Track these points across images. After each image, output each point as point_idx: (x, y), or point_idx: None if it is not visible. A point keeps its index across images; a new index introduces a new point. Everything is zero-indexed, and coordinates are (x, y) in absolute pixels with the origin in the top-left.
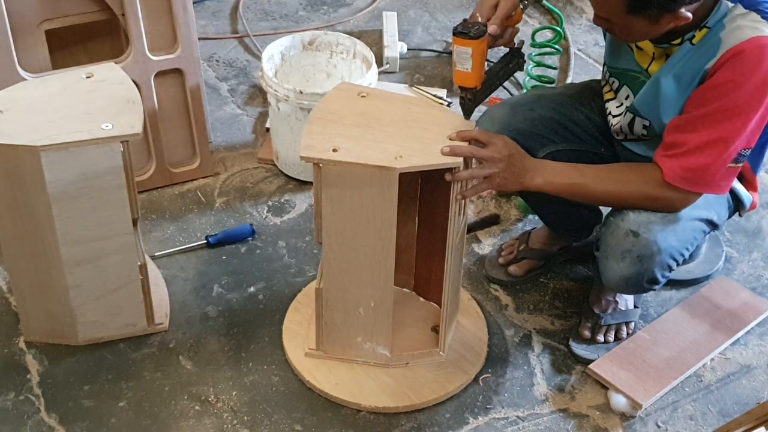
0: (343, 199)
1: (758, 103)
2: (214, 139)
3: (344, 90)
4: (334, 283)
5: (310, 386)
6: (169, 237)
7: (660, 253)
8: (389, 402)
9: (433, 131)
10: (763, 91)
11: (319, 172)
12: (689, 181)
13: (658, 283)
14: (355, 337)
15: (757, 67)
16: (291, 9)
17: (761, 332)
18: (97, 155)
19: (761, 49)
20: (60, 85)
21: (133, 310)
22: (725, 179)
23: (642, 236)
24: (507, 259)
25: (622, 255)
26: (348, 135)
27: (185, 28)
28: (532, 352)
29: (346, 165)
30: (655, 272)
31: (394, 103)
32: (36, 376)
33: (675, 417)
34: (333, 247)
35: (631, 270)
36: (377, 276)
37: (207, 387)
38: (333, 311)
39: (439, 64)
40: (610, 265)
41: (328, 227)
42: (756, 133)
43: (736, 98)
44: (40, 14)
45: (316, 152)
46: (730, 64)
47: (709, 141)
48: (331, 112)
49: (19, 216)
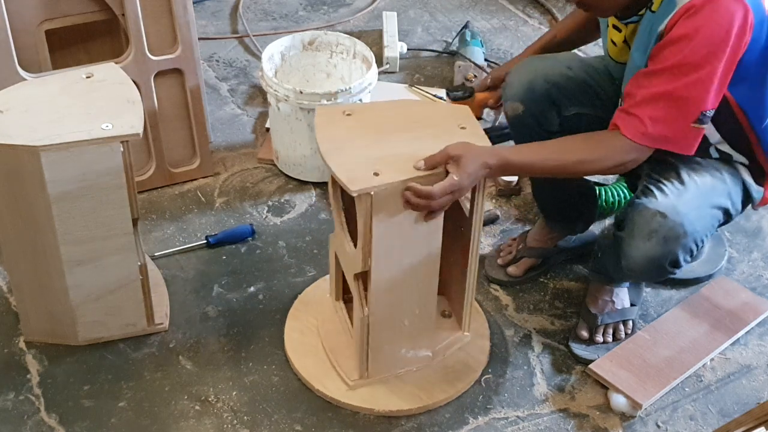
0: (393, 219)
1: (714, 58)
2: (214, 139)
3: (327, 114)
4: (381, 305)
5: (320, 394)
6: (169, 237)
7: (686, 237)
8: (402, 405)
9: (437, 125)
10: (718, 46)
11: (369, 200)
12: (650, 138)
13: (679, 267)
14: (399, 350)
15: (709, 20)
16: (291, 9)
17: (761, 332)
18: (97, 155)
19: (711, 3)
20: (60, 85)
21: (133, 310)
22: (688, 139)
23: (670, 218)
24: (506, 259)
25: (649, 235)
26: (372, 155)
27: (185, 28)
28: (532, 352)
29: (397, 184)
30: (678, 255)
31: (381, 109)
32: (36, 376)
33: (675, 417)
34: (382, 270)
35: (657, 250)
36: (424, 283)
37: (207, 387)
38: (379, 332)
39: (439, 64)
40: (635, 244)
41: (378, 251)
42: (720, 93)
43: (690, 53)
44: (40, 14)
45: (364, 182)
46: (683, 20)
47: (664, 92)
48: (336, 139)
49: (19, 216)
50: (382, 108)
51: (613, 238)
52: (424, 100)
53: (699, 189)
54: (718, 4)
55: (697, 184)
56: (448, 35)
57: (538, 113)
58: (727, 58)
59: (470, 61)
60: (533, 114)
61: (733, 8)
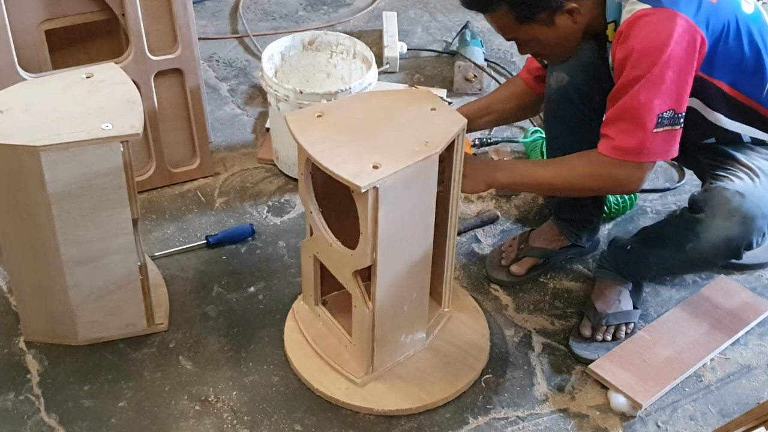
0: (396, 208)
1: (651, 65)
2: (214, 139)
3: (299, 119)
4: (386, 297)
5: (320, 394)
6: (169, 237)
7: (763, 218)
8: (402, 404)
9: (409, 111)
10: (656, 55)
11: (376, 194)
12: (620, 151)
13: (751, 249)
14: (400, 337)
15: (638, 36)
16: (291, 9)
17: (761, 332)
18: (97, 155)
19: (635, 22)
20: (60, 85)
21: (133, 310)
22: (656, 145)
23: (748, 198)
24: (509, 259)
25: (730, 213)
26: (362, 150)
27: (185, 28)
28: (532, 352)
29: (400, 172)
30: (753, 236)
31: (349, 105)
32: (36, 376)
33: (675, 417)
34: (386, 260)
35: (737, 230)
36: (421, 266)
37: (207, 387)
38: (383, 323)
39: (439, 64)
40: (716, 223)
41: (383, 242)
42: (677, 94)
43: (631, 69)
44: (40, 14)
45: (369, 177)
46: (618, 47)
47: (618, 108)
48: (321, 141)
49: (19, 216)
50: (351, 103)
51: (684, 220)
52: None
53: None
54: (644, 20)
55: (764, 171)
56: (448, 35)
57: (582, 84)
58: (675, 61)
59: (470, 61)
60: (577, 86)
61: (664, 16)
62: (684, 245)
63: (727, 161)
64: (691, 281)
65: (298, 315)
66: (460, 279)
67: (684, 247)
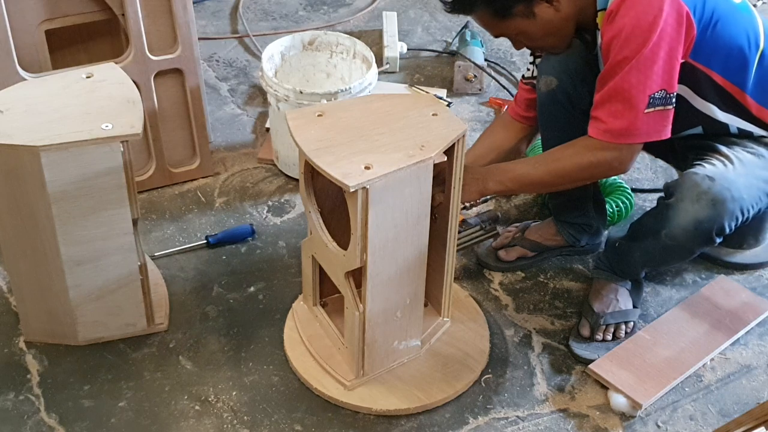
0: (387, 209)
1: (641, 45)
2: (214, 139)
3: (299, 117)
4: (377, 300)
5: (319, 393)
6: (169, 237)
7: (733, 201)
8: (399, 404)
9: (410, 115)
10: (647, 34)
11: (365, 194)
12: (611, 134)
13: (723, 234)
14: (392, 343)
15: (626, 15)
16: (291, 9)
17: (761, 332)
18: (97, 155)
19: (621, 3)
20: (60, 85)
21: (133, 310)
22: (648, 125)
23: (717, 182)
24: (501, 242)
25: (698, 196)
26: (357, 151)
27: (185, 28)
28: (532, 352)
29: (391, 175)
30: (724, 220)
31: (351, 107)
32: (36, 376)
33: (675, 417)
34: (377, 264)
35: (705, 213)
36: (415, 272)
37: (207, 387)
38: (374, 327)
39: (439, 64)
40: (684, 207)
41: (373, 244)
42: (668, 74)
43: (620, 49)
44: (40, 14)
45: (359, 177)
46: (607, 27)
47: (609, 90)
48: (318, 140)
49: (19, 216)
50: (352, 105)
51: (657, 208)
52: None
53: (743, 163)
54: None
55: (740, 159)
56: (448, 35)
57: (570, 88)
58: (666, 41)
59: (470, 61)
60: (565, 90)
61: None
62: (659, 232)
63: (707, 152)
64: (691, 281)
65: (297, 315)
66: (460, 279)
67: (660, 234)
